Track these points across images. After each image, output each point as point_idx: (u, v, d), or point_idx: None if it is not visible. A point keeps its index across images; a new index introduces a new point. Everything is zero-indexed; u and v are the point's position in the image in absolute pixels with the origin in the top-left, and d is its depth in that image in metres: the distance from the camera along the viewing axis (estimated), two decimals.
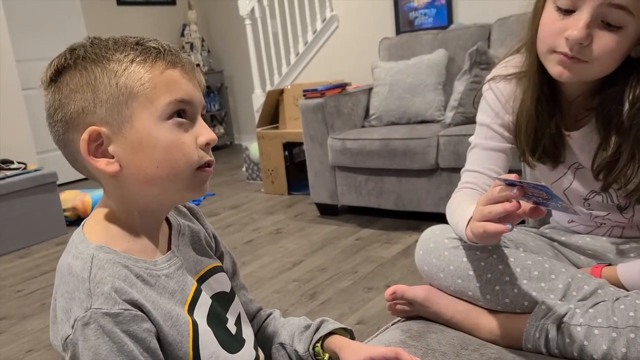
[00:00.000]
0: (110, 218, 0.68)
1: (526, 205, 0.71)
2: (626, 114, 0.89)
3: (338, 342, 0.81)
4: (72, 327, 0.60)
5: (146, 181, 0.65)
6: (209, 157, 0.68)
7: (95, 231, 0.67)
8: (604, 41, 0.83)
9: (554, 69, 0.88)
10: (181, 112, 0.66)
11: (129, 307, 0.61)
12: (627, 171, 0.90)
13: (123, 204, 0.68)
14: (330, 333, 0.82)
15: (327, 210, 3.13)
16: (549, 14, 0.87)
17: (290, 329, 0.85)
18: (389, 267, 2.32)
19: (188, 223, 0.78)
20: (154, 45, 0.66)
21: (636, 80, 0.88)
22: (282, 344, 0.84)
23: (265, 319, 0.88)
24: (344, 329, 0.84)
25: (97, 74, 0.63)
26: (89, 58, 0.64)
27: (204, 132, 0.67)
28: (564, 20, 0.84)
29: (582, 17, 0.82)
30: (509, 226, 0.72)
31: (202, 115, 0.69)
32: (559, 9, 0.85)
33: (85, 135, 0.63)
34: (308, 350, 0.81)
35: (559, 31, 0.85)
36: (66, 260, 0.65)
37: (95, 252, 0.63)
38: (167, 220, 0.75)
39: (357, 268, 2.35)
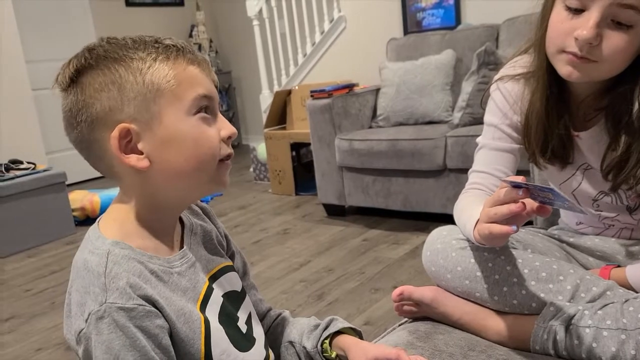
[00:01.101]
0: (127, 215, 0.69)
1: (533, 204, 0.71)
2: (636, 113, 0.88)
3: (347, 341, 0.81)
4: (86, 320, 0.60)
5: (174, 175, 0.67)
6: (230, 149, 0.71)
7: (112, 227, 0.68)
8: (614, 41, 0.82)
9: (564, 69, 0.87)
10: (205, 107, 0.68)
11: (143, 302, 0.62)
12: (637, 171, 0.89)
13: (144, 201, 0.69)
14: (339, 332, 0.83)
15: (335, 211, 3.13)
16: (558, 14, 0.87)
17: (299, 327, 0.85)
18: (396, 268, 2.31)
19: (200, 222, 0.79)
20: (172, 43, 0.67)
21: None
22: (291, 342, 0.85)
23: (275, 318, 0.89)
24: (353, 329, 0.84)
25: (121, 73, 0.64)
26: (110, 57, 0.65)
27: (226, 126, 0.70)
28: (573, 20, 0.84)
29: (591, 17, 0.81)
30: (514, 227, 0.72)
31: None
32: (569, 9, 0.85)
33: (115, 133, 0.64)
34: (316, 346, 0.81)
35: (569, 31, 0.84)
36: (82, 255, 0.66)
37: (111, 248, 0.64)
38: (180, 219, 0.76)
39: (365, 269, 2.34)
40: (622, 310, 0.81)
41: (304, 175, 3.71)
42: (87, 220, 3.44)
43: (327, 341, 0.82)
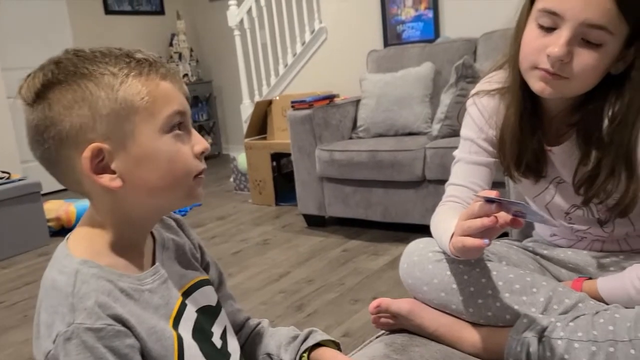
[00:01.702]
0: (97, 232, 0.68)
1: (506, 217, 0.73)
2: (606, 129, 0.90)
3: (326, 354, 0.81)
4: (54, 342, 0.59)
5: (148, 193, 0.66)
6: (203, 165, 0.70)
7: (81, 245, 0.67)
8: (584, 58, 0.84)
9: (536, 84, 0.89)
10: (178, 124, 0.67)
11: (112, 322, 0.61)
12: (607, 186, 0.92)
13: (115, 218, 0.67)
14: (318, 345, 0.82)
15: (315, 222, 3.13)
16: (531, 32, 0.89)
17: (277, 339, 0.85)
18: (375, 279, 2.32)
19: (172, 236, 0.78)
20: (143, 57, 0.66)
21: (615, 96, 0.89)
22: (269, 355, 0.84)
23: (254, 329, 0.88)
24: (332, 341, 0.84)
25: (92, 89, 0.62)
26: (80, 73, 0.63)
27: (199, 141, 0.69)
28: (546, 37, 0.86)
29: (562, 35, 0.83)
30: (486, 241, 0.73)
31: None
32: (541, 27, 0.87)
33: (87, 153, 0.62)
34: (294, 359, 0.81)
35: (541, 48, 0.86)
36: (50, 274, 0.64)
37: (80, 267, 0.63)
38: (152, 234, 0.75)
39: (344, 280, 2.35)
40: (592, 322, 0.83)
41: (284, 185, 3.71)
42: (62, 230, 3.39)
43: (305, 355, 0.81)
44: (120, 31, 5.31)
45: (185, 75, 5.72)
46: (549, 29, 0.86)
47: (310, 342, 0.82)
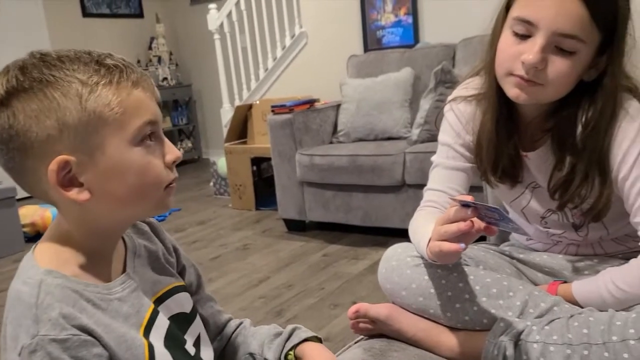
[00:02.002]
0: (64, 241, 0.66)
1: (480, 223, 0.74)
2: (579, 135, 0.92)
3: (311, 349, 0.80)
4: (19, 354, 0.58)
5: (117, 205, 0.65)
6: (174, 174, 0.68)
7: (47, 255, 0.66)
8: (558, 65, 0.86)
9: (511, 91, 0.91)
10: (150, 134, 0.65)
11: (78, 332, 0.59)
12: (582, 191, 0.93)
13: (83, 227, 0.66)
14: (302, 341, 0.82)
15: (295, 226, 3.13)
16: (506, 39, 0.90)
17: (260, 337, 0.84)
18: (355, 283, 2.33)
19: (145, 243, 0.77)
20: (113, 63, 0.63)
21: (588, 103, 0.91)
22: (251, 354, 0.83)
23: (235, 329, 0.87)
24: (316, 337, 0.84)
25: (59, 99, 0.59)
26: (46, 80, 0.60)
27: (171, 150, 0.68)
28: (521, 44, 0.87)
29: (537, 43, 0.85)
30: (462, 245, 0.74)
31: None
32: (516, 34, 0.88)
33: (53, 166, 0.60)
34: (279, 358, 0.80)
35: (516, 55, 0.88)
36: (15, 285, 0.63)
37: (44, 277, 0.62)
38: (123, 240, 0.74)
39: (324, 284, 2.35)
40: (567, 326, 0.84)
41: (264, 190, 3.70)
42: (37, 235, 3.31)
43: (292, 352, 0.80)
44: (98, 34, 5.25)
45: (165, 79, 5.68)
46: (524, 36, 0.87)
47: (295, 340, 0.81)
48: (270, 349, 0.81)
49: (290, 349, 0.81)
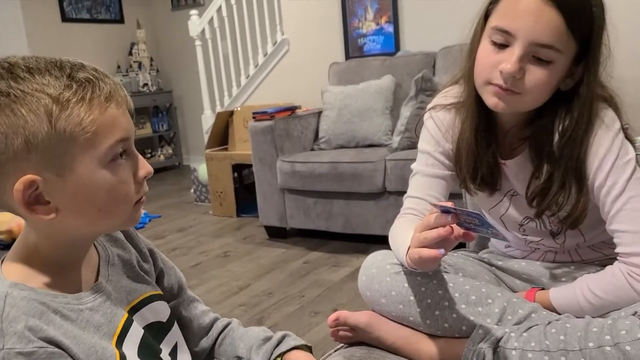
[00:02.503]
0: (32, 253, 0.65)
1: (459, 229, 0.74)
2: (556, 144, 0.93)
3: (299, 357, 0.80)
4: None
5: (85, 222, 0.64)
6: (145, 188, 0.67)
7: (13, 268, 0.64)
8: (536, 74, 0.87)
9: (490, 100, 0.92)
10: (122, 151, 0.63)
11: (45, 344, 0.58)
12: (559, 198, 0.94)
13: (50, 240, 0.65)
14: (292, 349, 0.81)
15: (276, 233, 3.12)
16: (485, 48, 0.91)
17: (248, 341, 0.83)
18: (336, 290, 2.32)
19: (118, 251, 0.76)
20: (85, 77, 0.60)
21: (565, 112, 0.92)
22: (238, 357, 0.82)
23: (222, 330, 0.86)
24: (306, 345, 0.83)
25: (27, 117, 0.57)
26: (13, 95, 0.57)
27: (142, 166, 0.66)
28: (499, 54, 0.89)
29: (514, 52, 0.86)
30: (441, 251, 0.74)
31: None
32: (494, 44, 0.89)
33: (19, 186, 0.58)
34: None
35: (494, 64, 0.89)
36: None
37: (10, 290, 0.61)
38: (96, 249, 0.73)
39: (305, 292, 2.34)
40: (545, 332, 0.85)
41: (245, 197, 3.68)
42: (14, 243, 3.27)
43: (279, 359, 0.79)
44: (78, 40, 5.19)
45: (146, 84, 5.63)
46: (502, 46, 0.88)
47: (283, 347, 0.80)
48: (259, 354, 0.80)
49: (279, 356, 0.80)
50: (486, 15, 0.92)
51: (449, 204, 0.74)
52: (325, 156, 2.82)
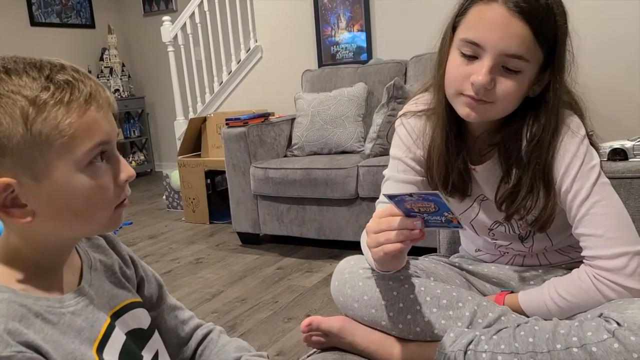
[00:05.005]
0: (12, 255, 0.64)
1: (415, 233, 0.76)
2: (524, 149, 0.95)
3: None
4: None
5: (63, 226, 0.62)
6: (127, 191, 0.66)
7: None
8: (506, 84, 0.89)
9: (462, 110, 0.93)
10: (101, 153, 0.62)
11: (23, 349, 0.57)
12: (527, 202, 0.96)
13: (29, 243, 0.64)
14: None
15: (249, 240, 3.10)
16: (455, 59, 0.93)
17: (224, 357, 0.82)
18: (309, 296, 2.32)
19: (100, 257, 0.75)
20: (64, 79, 0.59)
21: (532, 118, 0.94)
22: None
23: (202, 339, 0.85)
24: None
25: (2, 119, 0.56)
26: None
27: (124, 169, 0.65)
28: (469, 65, 0.90)
29: (485, 64, 0.88)
30: (407, 242, 0.77)
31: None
32: (464, 55, 0.91)
33: None
34: None
35: (465, 76, 0.90)
36: None
37: None
38: (78, 253, 0.72)
39: (278, 298, 2.33)
40: (514, 335, 0.86)
41: (218, 203, 3.66)
42: None
43: None
44: (47, 44, 5.10)
45: (117, 90, 5.56)
46: (471, 57, 0.90)
47: None
48: None
49: None
50: (454, 26, 0.94)
51: (404, 192, 0.75)
52: (299, 162, 2.83)
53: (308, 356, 1.03)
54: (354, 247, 2.40)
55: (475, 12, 0.89)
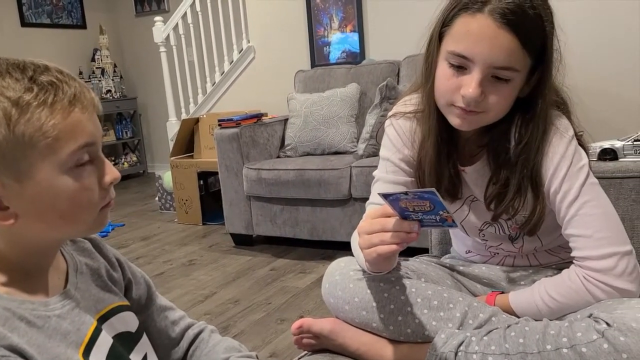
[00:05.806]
0: None
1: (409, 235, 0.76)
2: (512, 150, 0.95)
3: None
4: None
5: (48, 228, 0.62)
6: (112, 194, 0.66)
7: None
8: (497, 94, 0.89)
9: (454, 120, 0.93)
10: (86, 156, 0.62)
11: (7, 352, 0.57)
12: (515, 203, 0.96)
13: (13, 245, 0.63)
14: None
15: (242, 241, 3.09)
16: (444, 70, 0.92)
17: (213, 358, 0.81)
18: (303, 297, 2.32)
19: (86, 260, 0.75)
20: (48, 80, 0.58)
21: (521, 119, 0.95)
22: None
23: (193, 339, 0.84)
24: None
25: None
26: None
27: (109, 171, 0.64)
28: (459, 77, 0.89)
29: (474, 77, 0.87)
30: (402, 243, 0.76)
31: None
32: (452, 66, 0.90)
33: None
34: None
35: (455, 87, 0.90)
36: None
37: None
38: (64, 256, 0.71)
39: (271, 299, 2.33)
40: (504, 336, 0.86)
41: (211, 204, 3.65)
42: None
43: None
44: (38, 45, 5.07)
45: (109, 91, 5.54)
46: (460, 68, 0.89)
47: None
48: None
49: None
50: (440, 35, 0.92)
51: (399, 191, 0.74)
52: (292, 163, 2.82)
53: (299, 358, 1.02)
54: (347, 248, 2.39)
55: (461, 23, 0.88)
